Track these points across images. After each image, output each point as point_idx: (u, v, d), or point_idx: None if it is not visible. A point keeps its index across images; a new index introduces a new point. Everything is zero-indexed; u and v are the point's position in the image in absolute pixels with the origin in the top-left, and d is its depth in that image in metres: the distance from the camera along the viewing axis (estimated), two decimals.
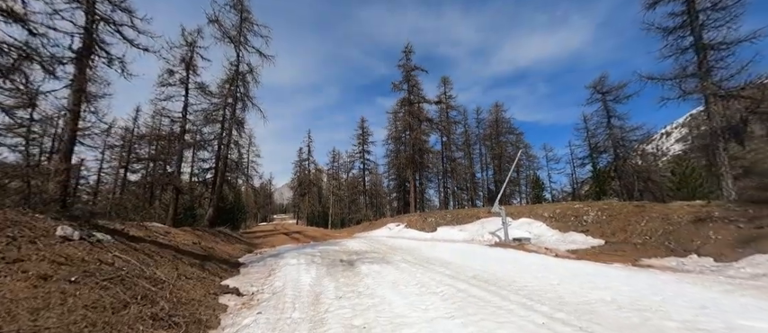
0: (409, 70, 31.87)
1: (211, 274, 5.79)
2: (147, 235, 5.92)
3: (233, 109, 20.61)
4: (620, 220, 10.15)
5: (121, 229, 5.39)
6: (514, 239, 11.06)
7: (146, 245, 5.09)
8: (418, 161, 31.56)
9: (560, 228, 11.51)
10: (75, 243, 3.37)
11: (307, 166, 54.86)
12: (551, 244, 10.29)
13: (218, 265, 6.61)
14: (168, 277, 4.12)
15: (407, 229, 18.37)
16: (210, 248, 8.42)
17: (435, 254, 8.65)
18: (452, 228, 15.27)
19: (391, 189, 46.08)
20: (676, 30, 12.52)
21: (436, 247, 10.56)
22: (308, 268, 7.04)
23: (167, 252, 5.44)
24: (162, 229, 7.63)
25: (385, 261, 7.80)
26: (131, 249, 4.34)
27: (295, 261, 8.11)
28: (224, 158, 20.37)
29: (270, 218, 73.96)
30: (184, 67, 20.57)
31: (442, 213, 18.55)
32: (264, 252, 11.25)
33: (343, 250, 10.45)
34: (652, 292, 4.16)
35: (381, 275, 5.92)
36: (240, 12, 20.97)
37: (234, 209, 33.62)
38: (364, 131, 45.93)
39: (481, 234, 12.66)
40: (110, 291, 2.82)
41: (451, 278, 5.23)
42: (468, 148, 42.20)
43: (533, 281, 4.87)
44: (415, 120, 31.05)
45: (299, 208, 55.66)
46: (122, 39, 12.21)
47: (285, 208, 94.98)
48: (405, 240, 13.61)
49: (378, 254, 9.32)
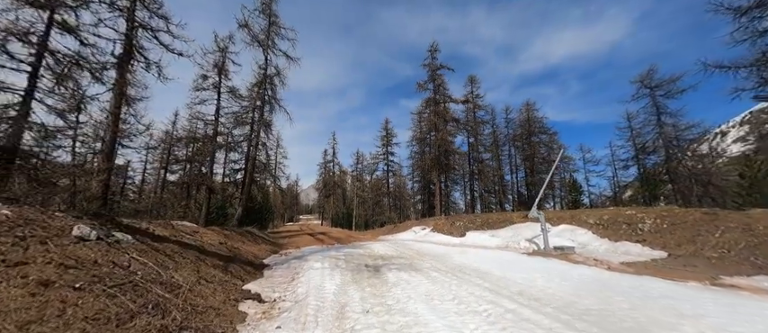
0: (435, 69, 31.03)
1: (234, 277, 5.57)
2: (173, 234, 5.84)
3: (261, 111, 21.10)
4: (687, 230, 8.77)
5: (147, 228, 5.32)
6: (556, 248, 10.00)
7: (169, 245, 4.94)
8: (444, 163, 30.55)
9: (610, 236, 10.25)
10: (91, 244, 3.18)
11: (331, 167, 55.59)
12: (601, 255, 9.14)
13: (241, 267, 6.43)
14: (187, 281, 3.87)
15: (434, 232, 17.61)
16: (236, 249, 8.34)
17: (468, 262, 7.93)
18: (483, 233, 14.31)
19: (415, 191, 45.26)
20: (752, 9, 10.77)
21: (467, 253, 9.80)
22: (332, 273, 6.66)
23: (191, 253, 5.28)
24: (190, 228, 7.64)
25: (413, 268, 7.23)
26: (152, 250, 4.16)
27: (319, 265, 7.78)
28: (252, 159, 20.87)
29: (296, 218, 75.87)
30: (217, 71, 21.45)
31: (471, 217, 17.57)
32: (289, 253, 11.11)
33: (368, 254, 10.02)
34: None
35: (411, 286, 5.37)
36: (268, 16, 21.47)
37: (262, 209, 34.60)
38: (388, 133, 45.60)
39: (516, 241, 11.66)
40: (117, 299, 2.54)
41: (493, 293, 4.56)
42: (497, 150, 40.32)
43: (596, 302, 4.07)
44: (441, 120, 30.10)
45: (324, 209, 56.45)
46: (159, 44, 12.76)
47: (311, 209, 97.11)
48: (432, 245, 12.92)
49: (405, 259, 8.77)
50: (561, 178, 39.79)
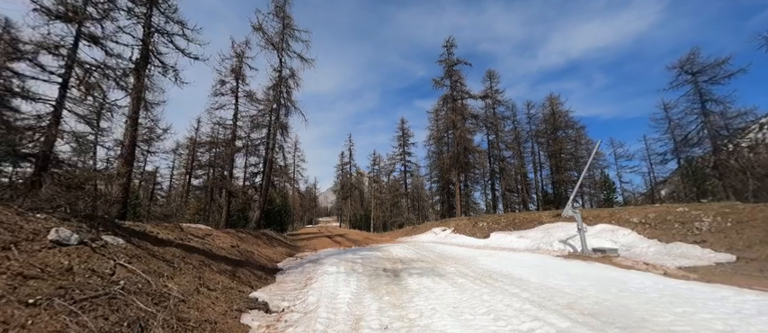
0: (451, 65, 30.05)
1: (241, 284, 5.14)
2: (180, 237, 5.52)
3: (277, 113, 21.13)
4: (758, 229, 7.49)
5: (151, 231, 5.00)
6: (595, 250, 8.94)
7: (171, 249, 4.58)
8: (463, 161, 29.44)
9: (659, 237, 9.04)
10: (70, 249, 2.79)
11: (348, 169, 55.59)
12: (650, 258, 8.02)
13: (252, 272, 6.02)
14: (183, 291, 3.43)
15: (455, 234, 16.74)
16: (249, 252, 8.00)
17: (498, 266, 7.13)
18: (509, 234, 13.31)
19: (434, 192, 44.18)
20: None
21: (495, 256, 8.95)
22: (347, 279, 6.11)
23: (195, 258, 4.89)
24: (202, 231, 7.37)
25: (436, 273, 6.55)
26: (148, 256, 3.77)
27: (334, 269, 7.27)
28: (269, 162, 20.89)
29: (315, 221, 76.65)
30: (234, 76, 21.81)
31: (495, 217, 16.53)
32: (305, 256, 10.72)
33: (386, 257, 9.41)
34: None
35: (436, 294, 4.71)
36: (282, 19, 21.51)
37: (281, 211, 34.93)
38: (404, 133, 44.90)
39: (548, 243, 10.63)
40: (81, 317, 2.08)
41: (537, 306, 3.81)
42: (519, 147, 38.56)
43: (676, 321, 3.24)
44: (459, 117, 29.04)
45: (342, 211, 56.49)
46: (174, 48, 12.91)
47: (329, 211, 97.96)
48: (455, 247, 12.12)
49: (426, 263, 8.09)
50: (590, 175, 37.36)
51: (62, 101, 11.30)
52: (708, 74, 23.13)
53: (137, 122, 11.52)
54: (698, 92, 23.45)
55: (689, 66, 24.06)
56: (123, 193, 10.91)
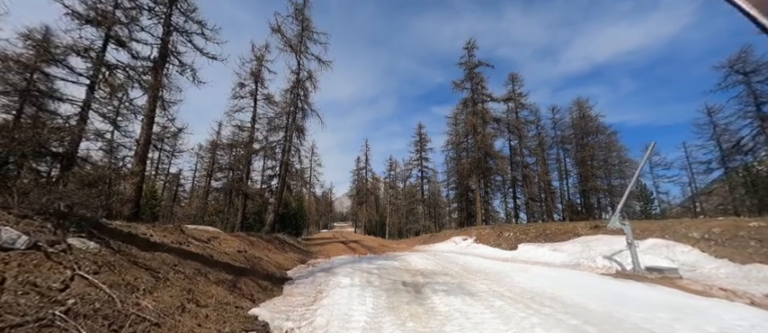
0: (472, 67, 28.96)
1: (241, 297, 4.46)
2: (177, 241, 4.94)
3: (293, 115, 20.91)
4: None
5: (144, 233, 4.44)
6: (649, 269, 7.66)
7: (161, 255, 3.97)
8: (484, 166, 28.05)
9: (731, 256, 7.62)
10: (14, 255, 2.18)
11: (364, 174, 55.07)
12: (724, 281, 6.68)
13: (256, 283, 5.35)
14: (161, 309, 2.76)
15: (477, 244, 15.55)
16: (257, 258, 7.38)
17: (538, 285, 6.09)
18: (540, 246, 12.05)
19: (451, 199, 42.71)
20: None
21: (530, 272, 7.86)
22: (362, 294, 5.31)
23: (190, 265, 4.26)
24: (207, 234, 6.83)
25: (465, 291, 5.62)
26: (126, 264, 3.14)
27: (348, 280, 6.49)
28: (285, 164, 20.61)
29: (330, 225, 76.57)
30: (253, 80, 21.91)
31: (523, 227, 15.23)
32: (317, 264, 10.02)
33: (405, 268, 8.53)
34: None
35: (471, 322, 3.81)
36: (301, 21, 21.44)
37: (296, 215, 34.76)
38: (421, 138, 43.89)
39: (590, 258, 9.36)
40: None
41: None
42: (543, 153, 36.58)
43: None
44: (480, 120, 27.79)
45: (357, 216, 55.88)
46: (193, 48, 12.86)
47: (344, 216, 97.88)
48: (479, 259, 11.04)
49: (451, 277, 7.15)
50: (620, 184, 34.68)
51: (89, 101, 11.42)
52: (763, 73, 20.80)
53: (153, 121, 11.40)
54: (752, 93, 21.10)
55: (740, 65, 21.78)
56: (136, 192, 10.71)
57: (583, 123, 30.94)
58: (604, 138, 32.48)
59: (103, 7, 11.59)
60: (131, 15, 12.29)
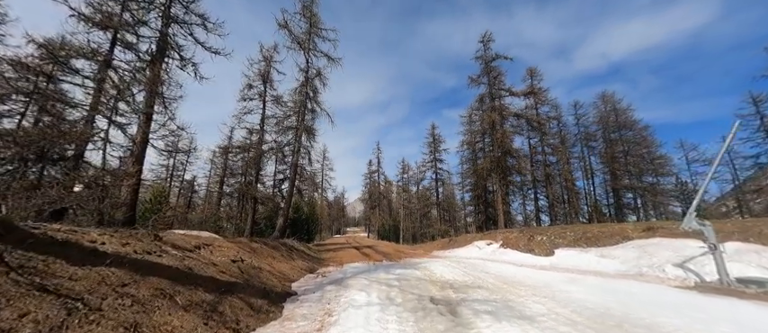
0: (489, 61, 27.42)
1: (220, 327, 3.29)
2: (144, 250, 3.83)
3: (303, 114, 20.05)
4: None
5: (93, 240, 3.34)
6: (741, 281, 6.04)
7: (105, 271, 2.85)
8: (504, 165, 26.29)
9: None
10: None
11: (376, 178, 53.95)
12: None
13: (246, 303, 4.18)
14: None
15: (505, 249, 14.00)
16: (256, 269, 6.25)
17: (608, 303, 4.67)
18: (583, 252, 10.45)
19: (467, 201, 40.86)
20: None
21: (583, 284, 6.39)
22: (383, 317, 4.07)
23: (150, 284, 3.12)
24: (196, 241, 5.75)
25: (517, 313, 4.27)
26: (19, 290, 2.01)
27: (364, 297, 5.26)
28: (295, 166, 19.70)
29: (343, 230, 75.68)
30: (262, 81, 21.29)
31: (558, 230, 13.59)
32: (328, 273, 8.83)
33: (428, 278, 7.22)
34: None
35: None
36: (309, 18, 20.70)
37: (308, 220, 33.86)
38: (435, 138, 42.39)
39: (657, 266, 7.73)
40: None
41: None
42: (566, 151, 34.35)
43: None
44: (499, 116, 26.13)
45: (370, 221, 54.65)
46: (194, 41, 12.10)
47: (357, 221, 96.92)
48: (512, 267, 9.57)
49: (489, 291, 5.79)
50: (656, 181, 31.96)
51: (96, 105, 10.80)
52: None
53: (150, 118, 10.58)
54: None
55: None
56: (132, 195, 9.86)
57: (613, 117, 28.72)
58: (634, 134, 30.09)
59: (108, 10, 11.08)
60: (138, 18, 11.71)
